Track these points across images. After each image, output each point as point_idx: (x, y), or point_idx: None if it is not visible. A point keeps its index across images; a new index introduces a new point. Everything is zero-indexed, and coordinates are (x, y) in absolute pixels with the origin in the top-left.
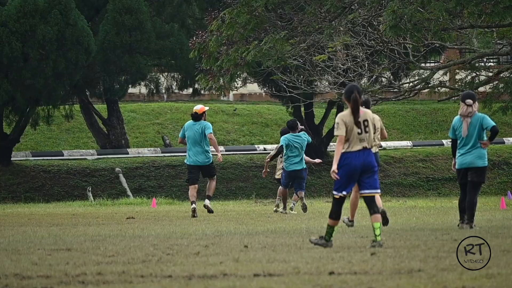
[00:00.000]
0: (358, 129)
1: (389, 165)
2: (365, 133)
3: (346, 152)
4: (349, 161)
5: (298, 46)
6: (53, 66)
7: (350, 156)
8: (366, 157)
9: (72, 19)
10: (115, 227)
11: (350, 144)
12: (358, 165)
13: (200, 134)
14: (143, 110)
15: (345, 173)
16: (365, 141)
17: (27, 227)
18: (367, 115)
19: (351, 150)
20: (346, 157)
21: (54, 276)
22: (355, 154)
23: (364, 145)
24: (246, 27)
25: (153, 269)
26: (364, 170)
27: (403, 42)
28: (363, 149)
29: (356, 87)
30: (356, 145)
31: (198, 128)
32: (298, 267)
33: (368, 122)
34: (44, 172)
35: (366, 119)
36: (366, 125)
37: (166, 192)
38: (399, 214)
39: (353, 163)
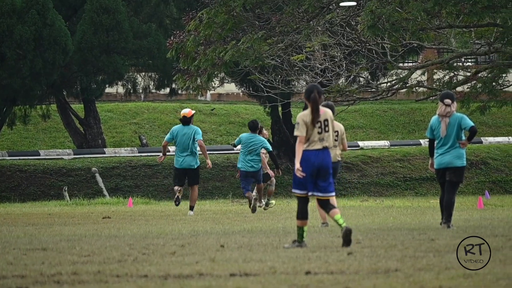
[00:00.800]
0: (318, 129)
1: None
2: (325, 133)
3: (305, 150)
4: (307, 159)
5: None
6: (30, 66)
7: (309, 154)
8: (325, 157)
9: (49, 19)
10: (91, 226)
11: (310, 143)
12: (316, 164)
13: (190, 139)
14: (120, 110)
15: (304, 171)
16: (325, 141)
17: (2, 226)
18: (327, 114)
19: (311, 148)
20: (306, 155)
21: (29, 276)
22: (314, 152)
23: (324, 144)
24: (223, 27)
25: (128, 269)
26: (320, 170)
27: (381, 42)
28: (323, 149)
29: (316, 86)
30: (316, 144)
31: (188, 133)
32: (275, 266)
33: (328, 122)
34: (20, 172)
35: (326, 119)
36: (326, 125)
37: (143, 191)
38: (376, 213)
39: (312, 161)
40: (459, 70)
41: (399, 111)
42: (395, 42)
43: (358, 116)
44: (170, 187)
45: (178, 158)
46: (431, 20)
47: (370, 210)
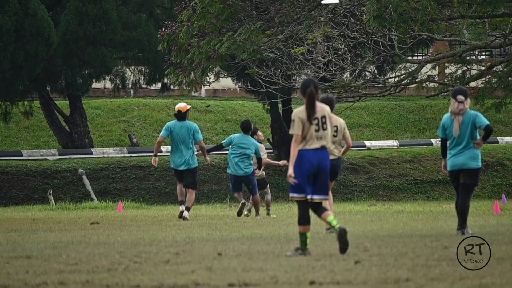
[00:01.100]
0: (315, 126)
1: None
2: (323, 131)
3: (302, 150)
4: (306, 159)
5: (275, 38)
6: (11, 59)
7: (307, 154)
8: (323, 157)
9: (31, 9)
10: (78, 233)
11: (307, 142)
12: (314, 164)
13: (187, 136)
14: (108, 106)
15: (301, 172)
16: (323, 139)
17: None
18: (324, 111)
19: (309, 148)
20: (303, 155)
21: (12, 285)
22: (312, 152)
23: (322, 143)
24: (219, 17)
25: (119, 278)
26: (319, 171)
27: (388, 34)
28: (321, 148)
29: (313, 81)
30: (314, 143)
31: (185, 129)
32: (276, 276)
33: (326, 119)
34: (2, 174)
35: (324, 115)
36: (324, 122)
37: (133, 195)
38: (385, 219)
39: (310, 161)
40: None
41: (408, 108)
42: (404, 34)
43: (364, 114)
44: (163, 190)
45: (174, 157)
46: (442, 10)
47: (379, 215)
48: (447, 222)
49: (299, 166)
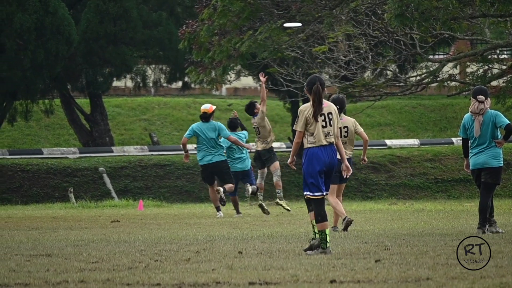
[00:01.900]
0: (322, 123)
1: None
2: (330, 127)
3: (313, 147)
4: (317, 156)
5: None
6: (32, 57)
7: (318, 151)
8: (333, 154)
9: (52, 7)
10: (98, 231)
11: (316, 139)
12: (326, 161)
13: (213, 137)
14: (129, 105)
15: (313, 169)
16: (331, 135)
17: (4, 231)
18: (331, 107)
19: (318, 145)
20: (314, 152)
21: (33, 283)
22: (323, 149)
23: (330, 140)
24: (240, 16)
25: (140, 277)
26: (328, 169)
27: (409, 33)
28: (329, 145)
29: (319, 78)
30: (322, 140)
31: (211, 130)
32: (297, 274)
33: (333, 115)
34: (22, 172)
35: (330, 112)
36: (331, 118)
37: (154, 193)
38: (406, 218)
39: (322, 158)
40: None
41: (429, 107)
42: (425, 33)
43: (385, 113)
44: (184, 188)
45: (201, 155)
46: (463, 8)
47: (399, 214)
48: (467, 221)
49: (311, 165)
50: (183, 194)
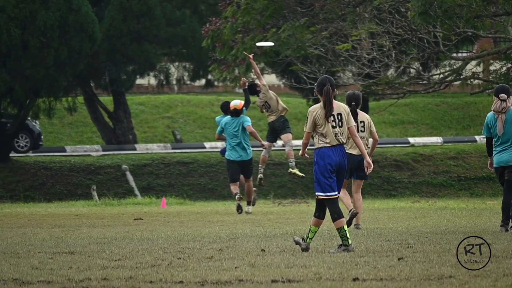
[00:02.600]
0: (332, 123)
1: (417, 163)
2: (339, 128)
3: (324, 148)
4: (328, 156)
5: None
6: (55, 54)
7: (329, 151)
8: (343, 154)
9: (75, 4)
10: (121, 229)
11: (326, 139)
12: (337, 161)
13: (239, 129)
14: (152, 102)
15: (325, 169)
16: (340, 136)
17: (27, 228)
18: (340, 108)
19: (329, 145)
20: (325, 152)
21: (56, 281)
22: (333, 149)
23: (340, 140)
24: (263, 14)
25: (162, 274)
26: (339, 169)
27: (433, 31)
28: (340, 144)
29: (329, 79)
30: (333, 140)
31: (236, 123)
32: (320, 272)
33: (342, 116)
34: (45, 169)
35: (339, 113)
36: (340, 119)
37: (177, 191)
38: (429, 215)
39: (333, 158)
40: None
41: (452, 105)
42: (448, 31)
43: (408, 111)
44: (207, 186)
45: (230, 149)
46: (486, 6)
47: (422, 212)
48: (490, 219)
49: (324, 164)
50: (206, 191)
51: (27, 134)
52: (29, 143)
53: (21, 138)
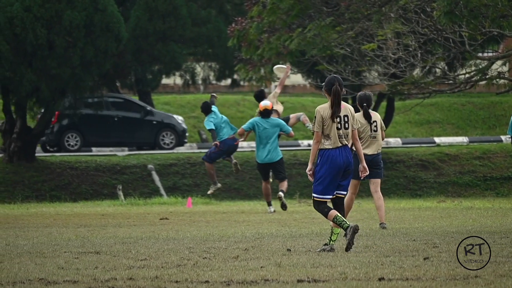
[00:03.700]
0: (337, 124)
1: (443, 162)
2: (344, 130)
3: (329, 149)
4: (333, 159)
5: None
6: (81, 54)
7: (333, 153)
8: (348, 154)
9: (101, 4)
10: (147, 228)
11: (331, 140)
12: (341, 163)
13: (274, 132)
14: (178, 102)
15: (329, 172)
16: (344, 138)
17: (52, 228)
18: (347, 110)
19: (333, 146)
20: (329, 154)
21: (82, 281)
22: (338, 150)
23: (344, 142)
24: (289, 13)
25: (188, 274)
26: (346, 170)
27: (458, 30)
28: (344, 146)
29: (338, 78)
30: (337, 141)
31: (271, 125)
32: (345, 272)
33: (349, 118)
34: (71, 169)
35: (346, 115)
36: (346, 121)
37: (203, 191)
38: (454, 215)
39: (338, 160)
40: None
41: (478, 104)
42: (474, 30)
43: (434, 110)
44: (232, 186)
45: (260, 151)
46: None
47: (448, 211)
48: None
49: (325, 166)
50: (232, 191)
51: (172, 131)
52: (174, 140)
53: (166, 135)
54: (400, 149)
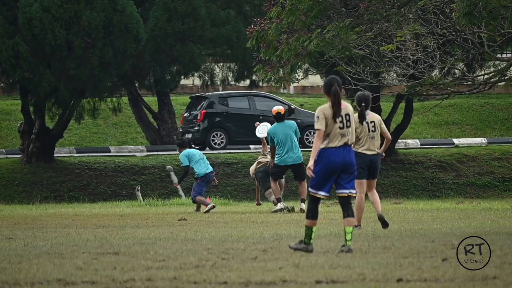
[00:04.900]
0: (339, 124)
1: (462, 164)
2: (347, 128)
3: (326, 148)
4: (328, 158)
5: (364, 35)
6: (100, 55)
7: (330, 153)
8: (346, 154)
9: (120, 5)
10: (166, 229)
11: (330, 140)
12: (338, 162)
13: (291, 135)
14: None
15: (323, 170)
16: (346, 137)
17: (71, 228)
18: (348, 109)
19: (332, 146)
20: (326, 153)
21: (100, 281)
22: (335, 150)
23: (345, 140)
24: (308, 14)
25: (207, 275)
26: (343, 168)
27: (477, 31)
28: (343, 145)
29: (336, 79)
30: (337, 140)
31: (288, 128)
32: (364, 273)
33: (350, 117)
34: (90, 170)
35: (347, 113)
36: (348, 119)
37: (221, 192)
38: (473, 216)
39: (333, 160)
40: None
41: (497, 106)
42: (493, 31)
43: (453, 111)
44: (251, 187)
45: (281, 154)
46: None
47: (466, 212)
48: None
49: (320, 164)
50: (250, 192)
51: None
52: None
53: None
54: (418, 150)
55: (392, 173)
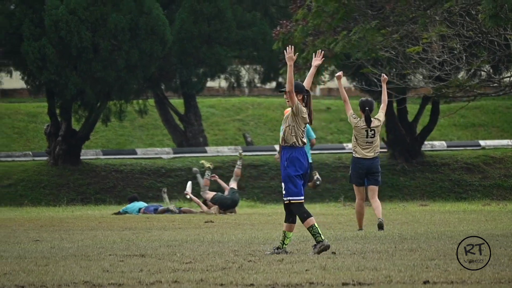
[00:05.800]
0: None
1: (488, 165)
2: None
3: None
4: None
5: (390, 37)
6: (126, 57)
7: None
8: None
9: (146, 7)
10: (192, 231)
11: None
12: (305, 165)
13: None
14: (222, 105)
15: (295, 173)
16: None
17: (97, 231)
18: None
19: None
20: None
21: (126, 284)
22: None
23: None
24: (334, 16)
25: (233, 277)
26: (306, 172)
27: (503, 33)
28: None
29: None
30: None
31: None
32: (390, 275)
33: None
34: (116, 172)
35: None
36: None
37: (248, 194)
38: (499, 219)
39: (303, 162)
40: None
41: None
42: None
43: (479, 113)
44: (277, 189)
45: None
46: None
47: (493, 214)
48: None
49: (294, 170)
50: (277, 194)
51: None
52: None
53: None
54: (445, 152)
55: (419, 175)
